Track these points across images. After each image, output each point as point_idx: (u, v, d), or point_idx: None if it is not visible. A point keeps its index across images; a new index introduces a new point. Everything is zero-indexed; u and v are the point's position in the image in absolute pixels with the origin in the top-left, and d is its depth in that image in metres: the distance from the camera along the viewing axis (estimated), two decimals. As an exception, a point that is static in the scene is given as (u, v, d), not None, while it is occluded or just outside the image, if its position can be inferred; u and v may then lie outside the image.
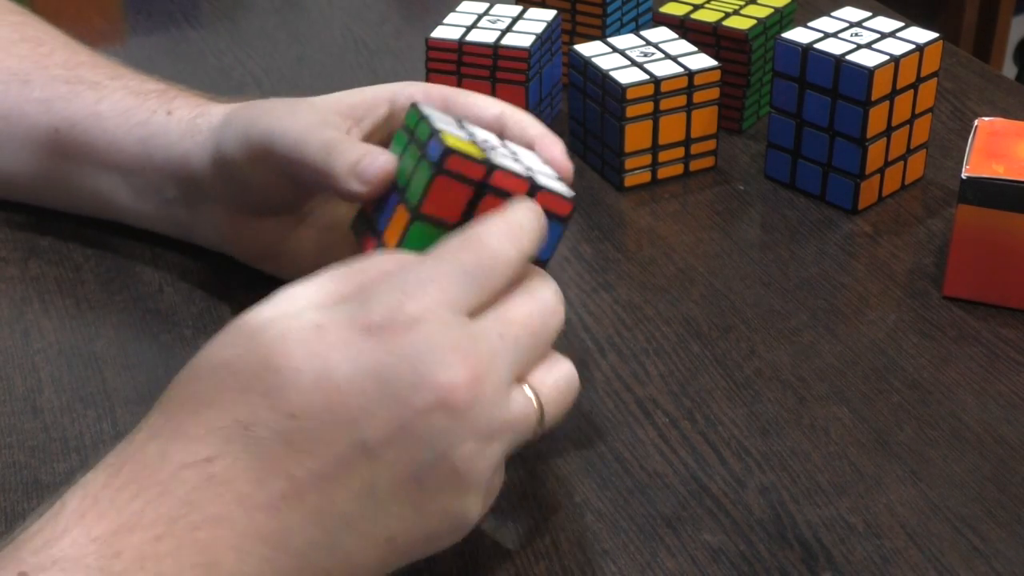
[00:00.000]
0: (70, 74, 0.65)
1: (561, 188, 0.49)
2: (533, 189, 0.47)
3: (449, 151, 0.46)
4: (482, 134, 0.51)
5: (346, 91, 0.57)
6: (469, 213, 0.47)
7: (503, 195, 0.47)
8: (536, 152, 0.52)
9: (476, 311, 0.43)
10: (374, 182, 0.49)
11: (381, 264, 0.44)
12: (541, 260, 0.47)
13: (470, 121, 0.53)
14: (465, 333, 0.42)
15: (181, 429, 0.40)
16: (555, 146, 0.53)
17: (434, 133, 0.47)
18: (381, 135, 0.56)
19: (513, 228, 0.45)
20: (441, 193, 0.46)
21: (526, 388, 0.44)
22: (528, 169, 0.49)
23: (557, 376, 0.45)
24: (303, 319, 0.42)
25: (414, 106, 0.50)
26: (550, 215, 0.47)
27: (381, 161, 0.49)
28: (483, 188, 0.46)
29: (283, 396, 0.40)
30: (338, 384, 0.40)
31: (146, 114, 0.61)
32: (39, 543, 0.38)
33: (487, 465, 0.43)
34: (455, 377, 0.41)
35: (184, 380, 0.42)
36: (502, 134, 0.54)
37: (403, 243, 0.47)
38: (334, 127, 0.53)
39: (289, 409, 0.40)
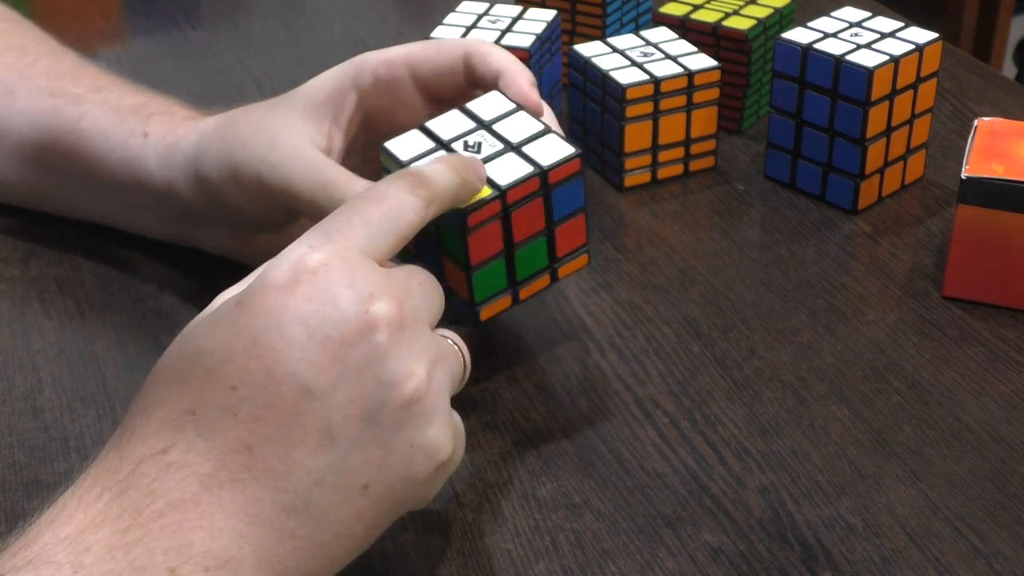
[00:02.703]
0: (52, 86, 0.64)
1: (561, 149, 0.51)
2: (543, 177, 0.50)
3: (466, 213, 0.48)
4: (460, 129, 0.52)
5: (310, 85, 0.57)
6: (508, 236, 0.50)
7: (526, 200, 0.50)
8: (502, 90, 0.54)
9: (382, 259, 0.44)
10: None
11: None
12: (580, 208, 0.51)
13: (435, 94, 0.56)
14: (374, 269, 0.42)
15: (135, 431, 0.41)
16: (520, 78, 0.54)
17: None
18: (356, 122, 0.57)
19: (417, 179, 0.46)
20: (479, 243, 0.49)
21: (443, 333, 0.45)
22: (519, 143, 0.51)
23: (464, 342, 0.46)
24: (225, 304, 0.43)
25: (384, 149, 0.51)
26: (568, 178, 0.51)
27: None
28: (507, 210, 0.49)
29: (220, 373, 0.41)
30: (268, 344, 0.41)
31: (124, 135, 0.61)
32: (13, 551, 0.39)
33: (437, 390, 0.43)
34: (377, 304, 0.41)
35: (138, 396, 0.43)
36: (472, 73, 0.55)
37: (475, 293, 0.50)
38: (318, 143, 0.54)
39: (229, 383, 0.40)
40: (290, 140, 0.54)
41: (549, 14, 0.75)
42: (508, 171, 0.49)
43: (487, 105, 0.53)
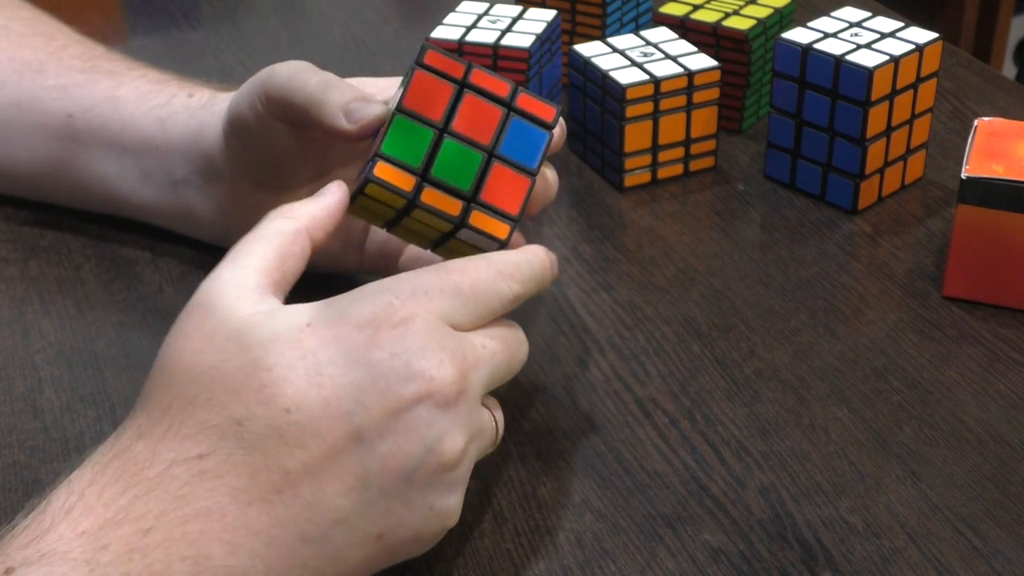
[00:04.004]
0: (86, 64, 0.65)
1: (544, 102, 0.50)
2: (515, 91, 0.49)
3: (428, 47, 0.48)
4: None
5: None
6: (451, 114, 0.48)
7: (485, 96, 0.48)
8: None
9: (462, 325, 0.45)
10: (361, 123, 0.50)
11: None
12: (529, 168, 0.49)
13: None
14: (450, 336, 0.43)
15: (171, 429, 0.41)
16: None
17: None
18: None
19: (512, 268, 0.46)
20: (421, 87, 0.48)
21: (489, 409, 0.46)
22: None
23: (501, 411, 0.48)
24: (291, 317, 0.42)
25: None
26: (534, 121, 0.49)
27: (372, 108, 0.50)
28: (463, 87, 0.48)
29: (277, 391, 0.41)
30: (332, 377, 0.41)
31: (167, 96, 0.62)
32: (25, 539, 0.38)
33: (468, 464, 0.44)
34: (444, 371, 0.42)
35: (164, 383, 0.42)
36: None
37: (387, 138, 0.47)
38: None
39: (284, 403, 0.40)
40: (304, 63, 0.55)
41: (549, 14, 0.75)
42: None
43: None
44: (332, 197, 0.48)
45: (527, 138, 0.49)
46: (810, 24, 0.70)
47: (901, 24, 0.70)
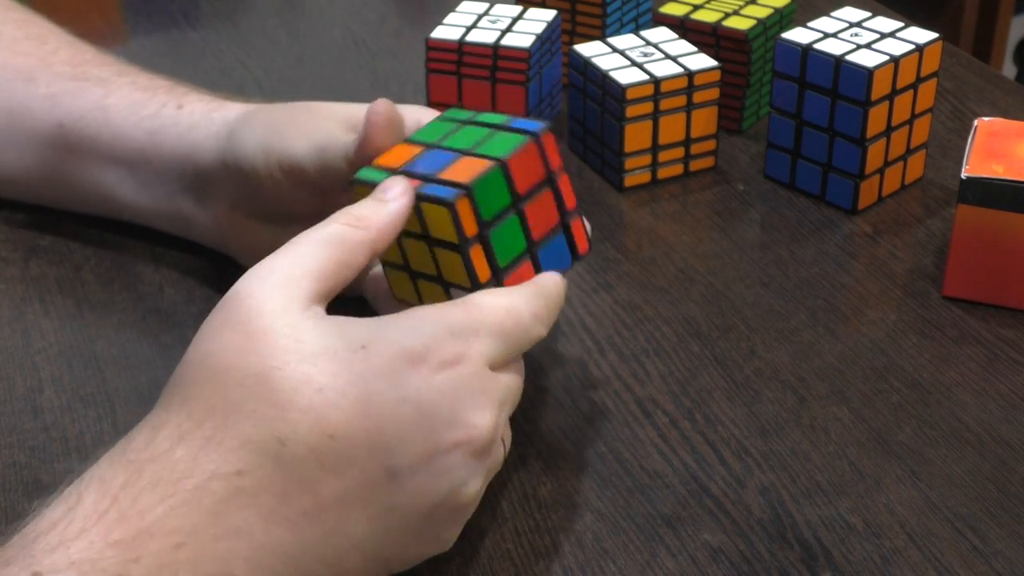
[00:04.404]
0: (76, 71, 0.65)
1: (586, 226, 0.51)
2: (575, 211, 0.50)
3: (546, 129, 0.48)
4: None
5: (347, 103, 0.57)
6: (528, 197, 0.48)
7: (556, 199, 0.49)
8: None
9: (500, 367, 0.45)
10: (380, 111, 0.50)
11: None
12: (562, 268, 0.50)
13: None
14: (493, 381, 0.44)
15: (214, 438, 0.40)
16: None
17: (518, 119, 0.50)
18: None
19: (544, 311, 0.47)
20: (525, 158, 0.48)
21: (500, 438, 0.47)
22: None
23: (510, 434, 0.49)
24: (347, 336, 0.42)
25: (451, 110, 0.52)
26: (571, 245, 0.50)
27: (380, 104, 0.50)
28: (551, 180, 0.49)
29: (325, 416, 0.40)
30: (380, 410, 0.41)
31: (155, 107, 0.62)
32: (53, 540, 0.37)
33: (478, 498, 0.45)
34: (484, 421, 0.43)
35: (206, 382, 0.41)
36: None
37: (480, 181, 0.47)
38: (344, 133, 0.54)
39: (329, 429, 0.40)
40: (323, 124, 0.55)
41: (549, 14, 0.75)
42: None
43: None
44: (399, 204, 0.46)
45: (559, 255, 0.50)
46: (810, 24, 0.70)
47: (901, 24, 0.70)
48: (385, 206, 0.46)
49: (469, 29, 0.74)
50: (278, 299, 0.42)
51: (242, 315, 0.42)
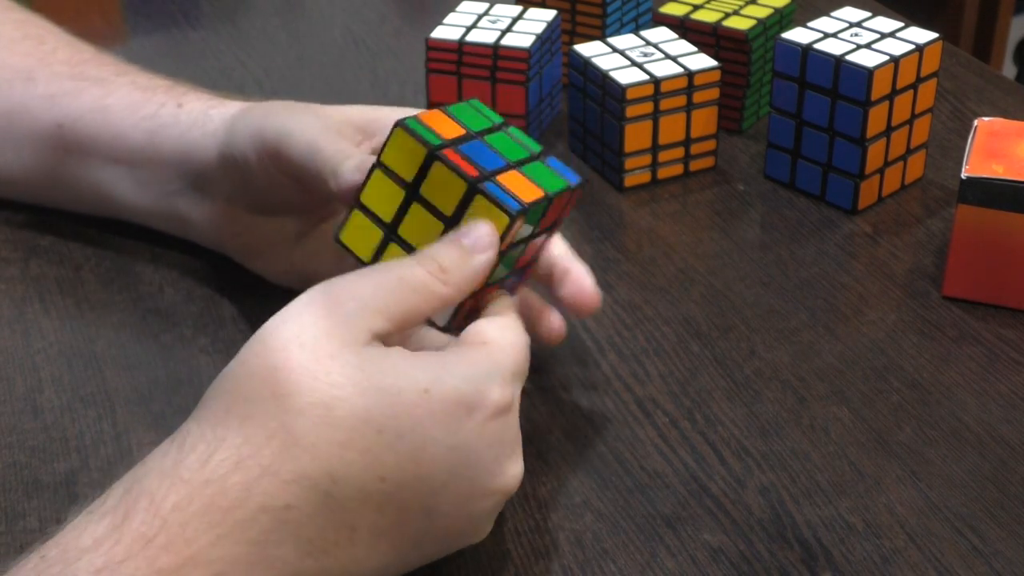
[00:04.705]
0: (75, 71, 0.65)
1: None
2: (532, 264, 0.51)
3: (582, 184, 0.50)
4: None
5: (368, 106, 0.56)
6: (538, 235, 0.50)
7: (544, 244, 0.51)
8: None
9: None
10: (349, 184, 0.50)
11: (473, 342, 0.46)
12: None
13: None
14: (517, 425, 0.45)
15: (271, 468, 0.39)
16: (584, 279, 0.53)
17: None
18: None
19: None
20: (559, 203, 0.49)
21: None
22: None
23: None
24: (412, 378, 0.41)
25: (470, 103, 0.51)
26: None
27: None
28: (551, 229, 0.51)
29: (380, 459, 0.40)
30: (432, 457, 0.41)
31: (154, 107, 0.62)
32: (98, 562, 0.37)
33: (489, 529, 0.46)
34: (519, 469, 0.45)
35: (272, 399, 0.40)
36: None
37: (532, 207, 0.47)
38: (347, 137, 0.54)
39: (382, 472, 0.40)
40: (323, 118, 0.54)
41: (549, 14, 0.75)
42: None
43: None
44: (484, 260, 0.45)
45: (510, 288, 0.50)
46: (810, 24, 0.70)
47: (901, 24, 0.70)
48: (471, 262, 0.45)
49: (469, 29, 0.74)
50: (351, 327, 0.41)
51: (312, 333, 0.41)
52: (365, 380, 0.40)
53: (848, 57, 0.66)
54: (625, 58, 0.71)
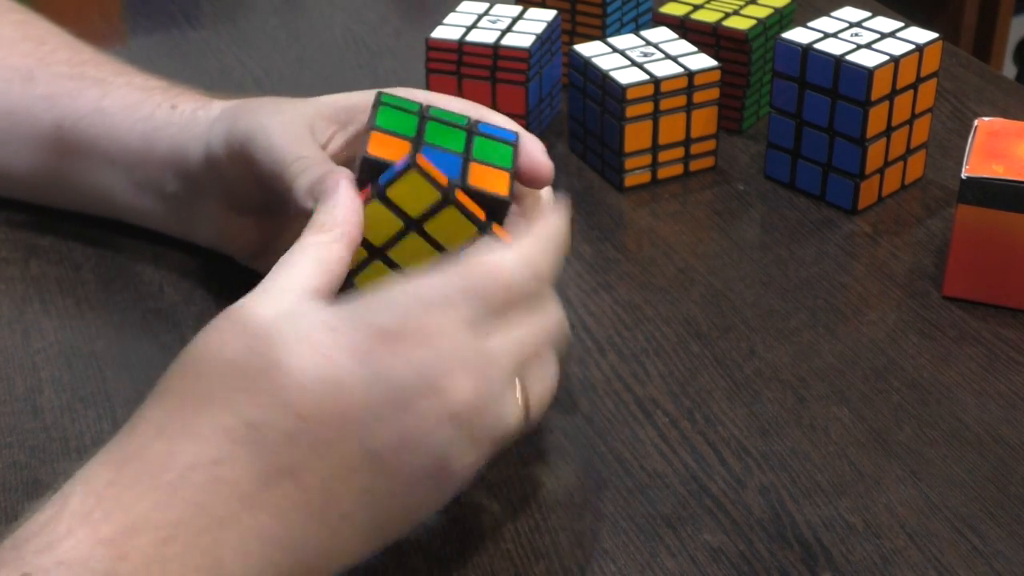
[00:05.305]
0: (74, 71, 0.65)
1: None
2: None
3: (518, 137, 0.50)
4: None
5: (341, 94, 0.57)
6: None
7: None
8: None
9: (489, 330, 0.44)
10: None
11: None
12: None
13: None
14: (476, 352, 0.43)
15: (188, 428, 0.40)
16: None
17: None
18: (348, 147, 0.56)
19: (539, 258, 0.46)
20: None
21: (518, 393, 0.45)
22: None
23: (544, 376, 0.46)
24: (313, 319, 0.42)
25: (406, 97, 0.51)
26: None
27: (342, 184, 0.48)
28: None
29: (293, 398, 0.40)
30: (350, 389, 0.41)
31: (151, 108, 0.62)
32: (42, 543, 0.38)
33: (478, 465, 0.44)
34: (464, 393, 0.42)
35: (183, 375, 0.42)
36: None
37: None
38: (317, 136, 0.54)
39: (299, 411, 0.40)
40: (291, 115, 0.54)
41: (549, 14, 0.75)
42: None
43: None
44: (345, 200, 0.46)
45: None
46: (810, 24, 0.70)
47: (901, 24, 0.70)
48: (335, 209, 0.46)
49: (469, 29, 0.74)
50: (263, 299, 0.43)
51: (228, 316, 0.42)
52: (271, 333, 0.41)
53: (848, 57, 0.66)
54: (625, 58, 0.71)
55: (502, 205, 0.48)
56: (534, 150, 0.51)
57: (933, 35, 0.68)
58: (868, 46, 0.67)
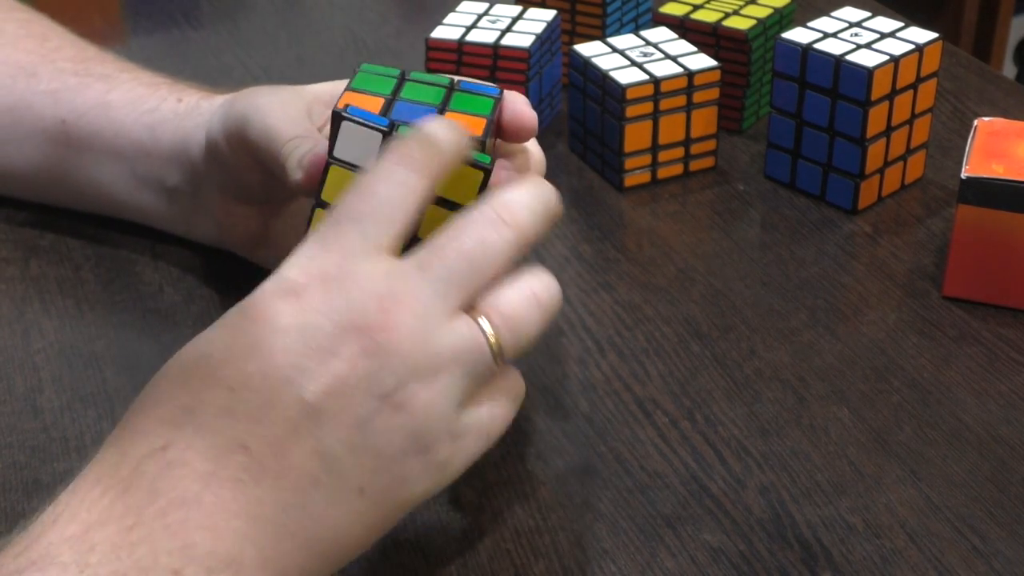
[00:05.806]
0: (79, 67, 0.65)
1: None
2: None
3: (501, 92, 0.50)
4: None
5: (341, 80, 0.57)
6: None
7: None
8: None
9: (394, 250, 0.43)
10: (309, 169, 0.50)
11: None
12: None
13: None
14: (380, 274, 0.41)
15: (135, 429, 0.41)
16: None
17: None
18: None
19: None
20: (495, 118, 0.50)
21: (475, 316, 0.43)
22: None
23: (512, 298, 0.44)
24: (229, 311, 0.43)
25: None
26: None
27: (319, 149, 0.50)
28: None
29: (218, 374, 0.41)
30: (267, 349, 0.41)
31: (157, 101, 0.63)
32: (17, 550, 0.39)
33: (442, 401, 0.42)
34: (372, 320, 0.41)
35: (135, 400, 0.43)
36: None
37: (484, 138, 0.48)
38: (314, 119, 0.54)
39: (227, 384, 0.41)
40: (289, 97, 0.55)
41: (549, 14, 0.75)
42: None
43: None
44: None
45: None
46: (810, 24, 0.70)
47: (901, 24, 0.70)
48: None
49: (469, 29, 0.74)
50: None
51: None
52: (185, 348, 0.43)
53: (848, 57, 0.66)
54: (625, 58, 0.71)
55: (476, 144, 0.47)
56: (517, 101, 0.51)
57: (933, 35, 0.68)
58: (868, 46, 0.67)
